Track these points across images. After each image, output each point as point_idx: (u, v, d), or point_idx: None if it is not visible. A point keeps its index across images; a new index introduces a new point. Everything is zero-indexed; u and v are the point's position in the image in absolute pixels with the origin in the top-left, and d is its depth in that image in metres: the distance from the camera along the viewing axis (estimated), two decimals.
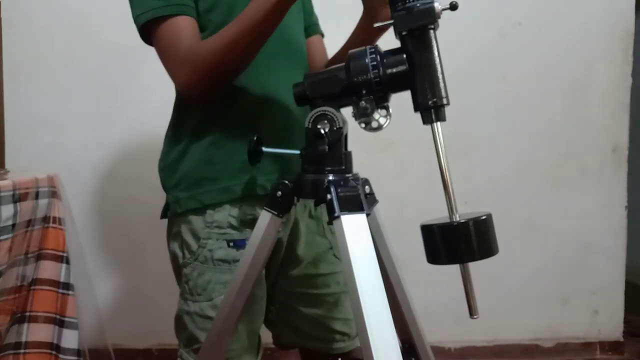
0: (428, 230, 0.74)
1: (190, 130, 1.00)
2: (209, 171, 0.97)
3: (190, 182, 0.99)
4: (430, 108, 0.76)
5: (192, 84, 0.91)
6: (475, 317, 0.74)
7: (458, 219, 0.74)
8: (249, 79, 0.96)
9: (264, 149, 0.86)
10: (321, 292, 1.07)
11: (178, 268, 1.02)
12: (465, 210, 0.76)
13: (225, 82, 0.93)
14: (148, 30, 0.94)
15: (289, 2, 0.82)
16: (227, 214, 0.97)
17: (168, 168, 1.03)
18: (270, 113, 0.98)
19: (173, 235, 1.02)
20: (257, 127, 0.94)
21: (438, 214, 0.80)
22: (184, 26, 0.92)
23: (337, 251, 1.05)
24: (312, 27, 1.17)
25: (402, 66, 0.78)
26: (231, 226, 0.96)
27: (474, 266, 0.75)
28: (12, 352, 1.32)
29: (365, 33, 1.00)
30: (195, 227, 0.97)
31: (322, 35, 1.21)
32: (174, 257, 1.03)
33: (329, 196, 0.79)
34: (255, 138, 0.86)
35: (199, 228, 0.97)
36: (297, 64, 1.04)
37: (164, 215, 1.07)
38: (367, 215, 0.79)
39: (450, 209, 0.75)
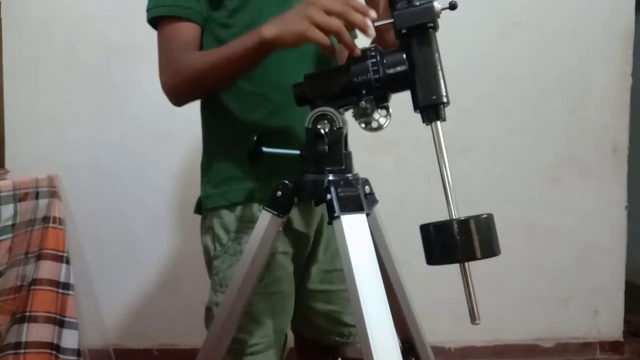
0: (427, 231, 0.74)
1: (219, 129, 1.03)
2: (236, 171, 0.99)
3: (219, 180, 1.01)
4: (430, 108, 0.76)
5: (170, 88, 0.96)
6: (476, 322, 0.72)
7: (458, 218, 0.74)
8: (273, 78, 0.97)
9: (264, 149, 0.86)
10: (336, 289, 1.08)
11: (209, 260, 1.03)
12: (465, 210, 0.76)
13: (200, 96, 0.99)
14: (155, 24, 0.98)
15: (270, 49, 0.84)
16: (256, 209, 0.98)
17: (203, 165, 1.06)
18: (296, 115, 0.98)
19: (205, 228, 1.04)
20: (283, 129, 0.96)
21: (438, 214, 0.79)
22: (184, 32, 0.95)
23: None
24: None
25: (402, 66, 0.78)
26: None
27: (474, 267, 0.74)
28: (12, 352, 1.32)
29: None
30: (226, 220, 0.99)
31: None
32: (206, 250, 1.04)
33: (329, 196, 0.79)
34: (255, 138, 0.86)
35: (230, 222, 0.99)
36: (317, 65, 1.04)
37: (197, 210, 1.08)
38: (367, 215, 0.79)
39: (450, 209, 0.75)
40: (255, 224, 0.96)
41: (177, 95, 0.97)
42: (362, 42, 1.04)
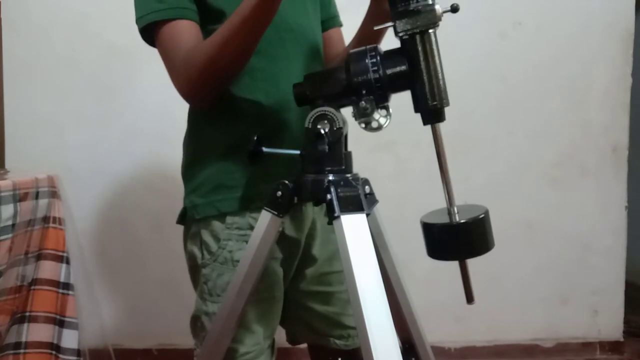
0: (428, 229, 0.75)
1: (206, 136, 1.00)
2: (226, 179, 0.97)
3: (208, 189, 0.98)
4: (431, 109, 0.76)
5: (189, 87, 0.91)
6: (472, 303, 0.75)
7: (457, 218, 0.74)
8: (266, 83, 0.96)
9: (264, 149, 0.86)
10: (335, 290, 1.08)
11: (196, 268, 1.00)
12: None
13: (221, 83, 0.92)
14: (149, 33, 0.95)
15: None
16: (247, 216, 0.97)
17: (187, 173, 1.03)
18: (288, 119, 0.97)
19: (191, 235, 1.01)
20: (274, 133, 0.94)
21: None
22: (184, 30, 0.91)
23: None
24: (331, 20, 1.15)
25: (402, 66, 0.78)
26: (251, 228, 0.95)
27: (473, 267, 0.75)
28: (12, 352, 1.32)
29: (371, 28, 0.98)
30: (215, 228, 0.97)
31: (341, 26, 1.19)
32: (191, 258, 1.02)
33: (328, 196, 0.79)
34: (255, 138, 0.86)
35: (219, 229, 0.97)
36: (315, 67, 1.03)
37: (180, 221, 1.05)
38: (367, 215, 0.79)
39: (450, 209, 0.76)
40: (245, 231, 0.96)
41: (197, 90, 0.91)
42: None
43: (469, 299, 0.76)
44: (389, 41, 0.85)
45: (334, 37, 1.16)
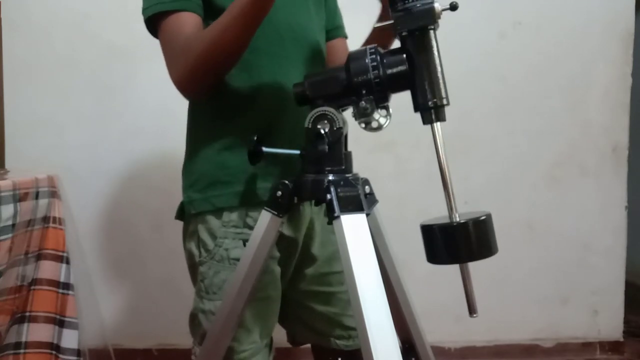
0: (428, 231, 0.75)
1: (204, 132, 1.01)
2: (222, 175, 0.98)
3: (205, 184, 0.99)
4: (430, 108, 0.76)
5: (184, 77, 0.91)
6: (474, 315, 0.75)
7: (458, 219, 0.74)
8: (264, 81, 0.97)
9: (264, 149, 0.86)
10: (335, 290, 1.08)
11: (194, 266, 1.01)
12: (465, 210, 0.76)
13: (216, 74, 0.92)
14: (154, 24, 0.95)
15: None
16: (244, 214, 0.97)
17: (186, 169, 1.04)
18: (285, 118, 0.98)
19: (190, 233, 1.02)
20: (270, 131, 0.94)
21: (438, 214, 0.80)
22: (186, 22, 0.92)
23: None
24: (335, 30, 1.16)
25: (402, 66, 0.78)
26: (247, 226, 0.96)
27: (474, 266, 0.75)
28: (12, 352, 1.32)
29: (380, 35, 0.98)
30: (212, 226, 0.98)
31: (346, 37, 1.19)
32: (190, 255, 1.02)
33: (328, 196, 0.79)
34: (255, 138, 0.86)
35: (216, 227, 0.97)
36: (315, 68, 1.04)
37: (178, 216, 1.06)
38: (367, 215, 0.79)
39: (450, 209, 0.75)
40: (242, 229, 0.96)
41: (192, 79, 0.91)
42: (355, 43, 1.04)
43: (471, 310, 0.75)
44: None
45: (338, 47, 1.16)
